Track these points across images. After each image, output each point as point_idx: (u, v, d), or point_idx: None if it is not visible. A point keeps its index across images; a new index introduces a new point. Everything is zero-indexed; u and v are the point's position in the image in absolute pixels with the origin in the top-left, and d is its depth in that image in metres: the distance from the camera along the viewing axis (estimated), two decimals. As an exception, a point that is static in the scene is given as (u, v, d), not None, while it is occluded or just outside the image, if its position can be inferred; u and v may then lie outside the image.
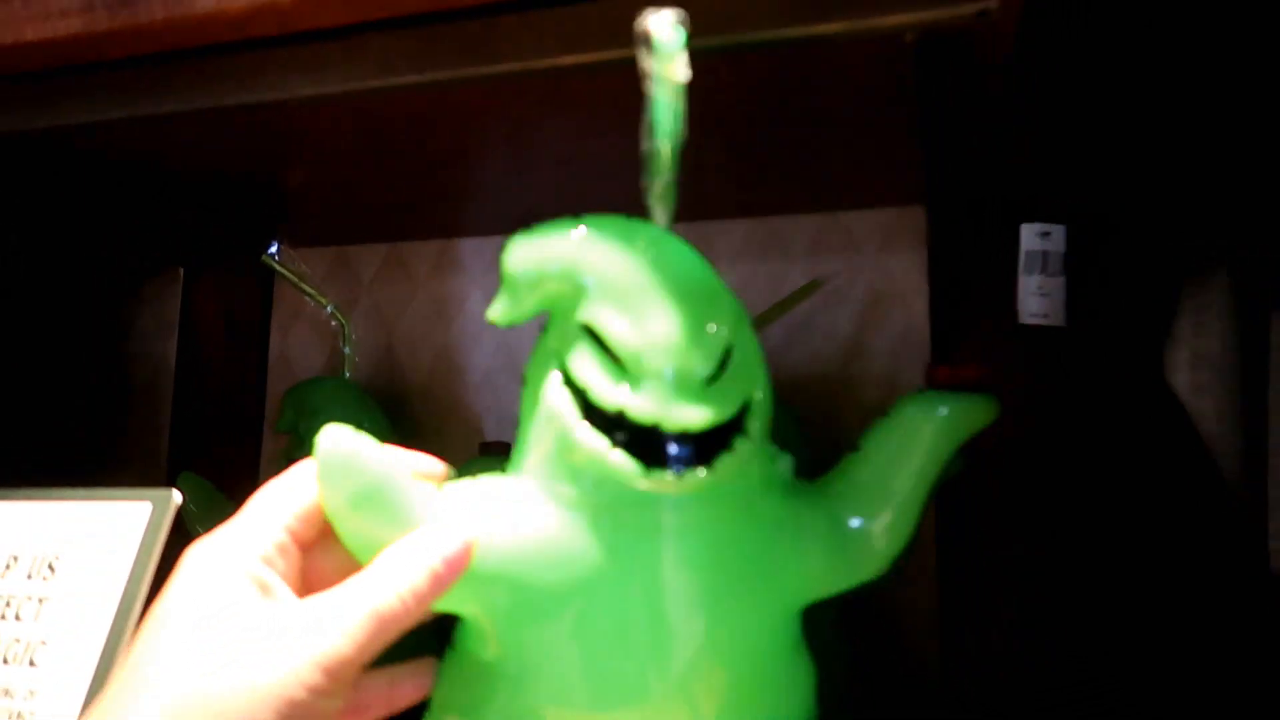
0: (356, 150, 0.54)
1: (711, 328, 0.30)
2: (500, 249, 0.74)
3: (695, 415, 0.29)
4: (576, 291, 0.30)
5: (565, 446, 0.30)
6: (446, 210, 0.67)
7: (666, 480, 0.29)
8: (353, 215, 0.68)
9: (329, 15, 0.36)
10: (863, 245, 0.63)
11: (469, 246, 0.71)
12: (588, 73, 0.39)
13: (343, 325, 0.65)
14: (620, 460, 0.29)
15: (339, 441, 0.30)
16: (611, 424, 0.29)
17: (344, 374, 0.65)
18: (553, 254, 0.31)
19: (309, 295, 0.66)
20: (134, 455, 0.77)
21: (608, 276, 0.30)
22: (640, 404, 0.29)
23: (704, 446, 0.29)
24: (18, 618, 0.36)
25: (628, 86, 0.30)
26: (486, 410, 0.68)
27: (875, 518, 0.34)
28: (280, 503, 0.31)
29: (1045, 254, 0.53)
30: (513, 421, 0.37)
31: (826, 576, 0.33)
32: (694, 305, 0.29)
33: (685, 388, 0.29)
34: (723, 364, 0.30)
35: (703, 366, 0.29)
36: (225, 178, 0.58)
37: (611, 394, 0.29)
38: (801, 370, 0.63)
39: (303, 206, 0.66)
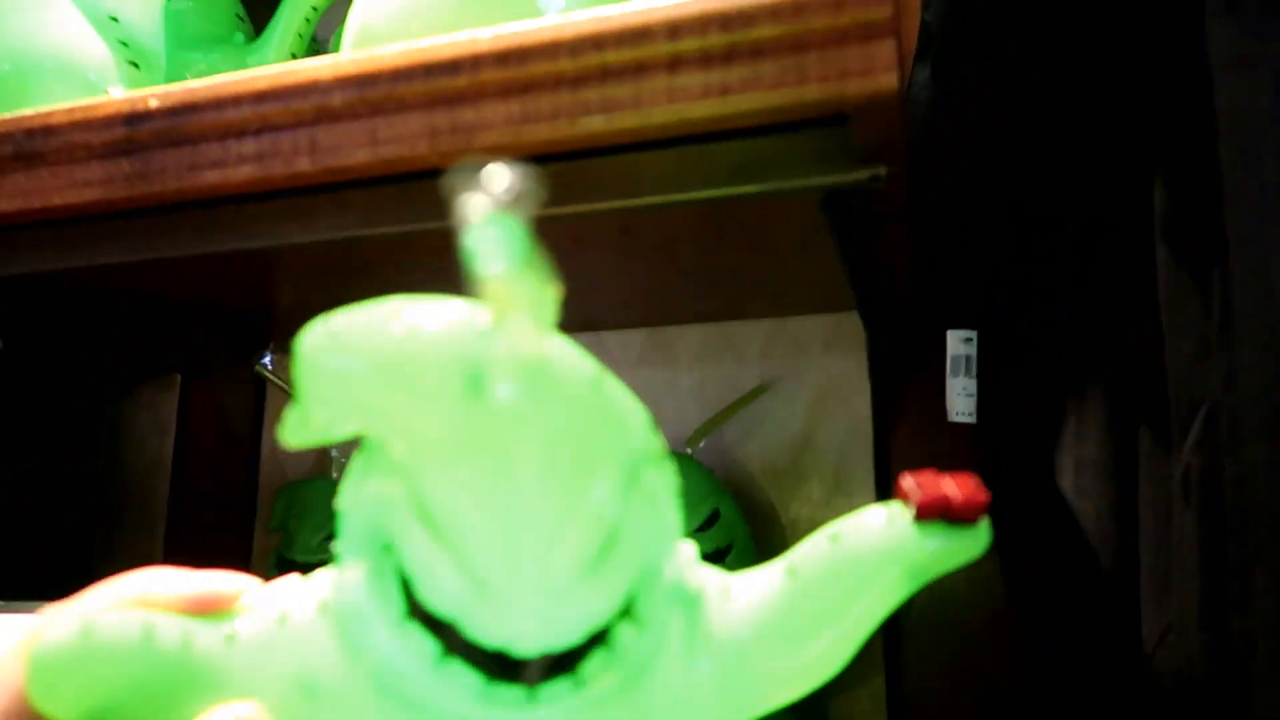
0: (339, 277, 0.59)
1: (591, 503, 0.21)
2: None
3: (557, 634, 0.21)
4: (395, 428, 0.22)
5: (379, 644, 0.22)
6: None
7: (513, 699, 0.21)
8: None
9: (319, 179, 0.42)
10: (809, 348, 0.68)
11: (448, 351, 0.76)
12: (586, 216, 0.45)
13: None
14: (449, 684, 0.21)
15: (51, 644, 0.22)
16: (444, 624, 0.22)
17: (331, 474, 0.69)
18: (365, 367, 0.21)
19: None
20: (130, 551, 0.81)
21: (443, 415, 0.21)
22: (482, 619, 0.21)
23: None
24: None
25: (568, 230, 0.37)
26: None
27: (805, 659, 0.25)
28: None
29: (968, 358, 0.59)
30: None
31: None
32: (572, 468, 0.21)
33: (547, 595, 0.21)
34: (607, 543, 0.22)
35: (572, 566, 0.21)
36: (222, 301, 0.63)
37: (445, 596, 0.21)
38: (755, 463, 0.68)
39: (291, 320, 0.71)
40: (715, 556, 0.56)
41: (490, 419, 0.20)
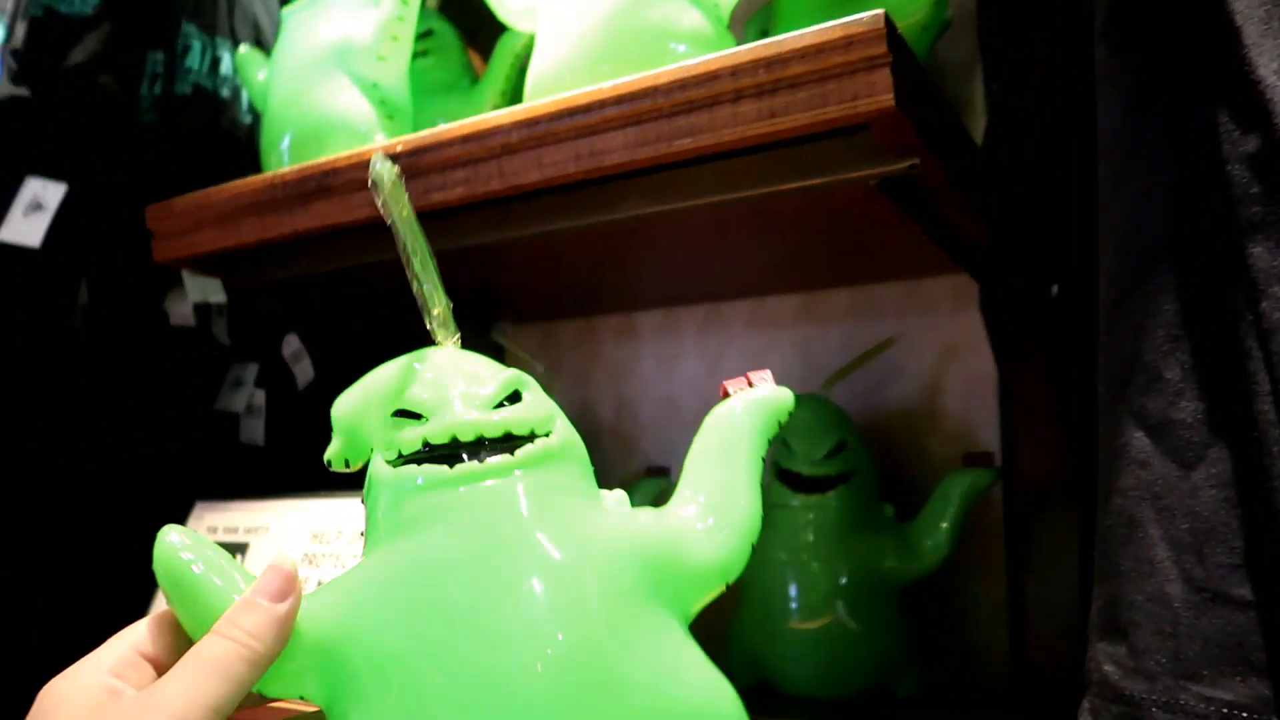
0: (554, 258, 0.76)
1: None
2: (662, 320, 0.96)
3: (482, 422, 0.33)
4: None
5: (391, 491, 0.33)
6: (621, 292, 0.88)
7: (474, 467, 0.32)
8: (554, 300, 0.92)
9: (506, 194, 0.58)
10: (939, 306, 0.78)
11: (641, 318, 0.92)
12: (694, 207, 0.58)
13: (549, 383, 0.88)
14: (431, 467, 0.33)
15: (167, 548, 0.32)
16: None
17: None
18: (370, 408, 0.35)
19: (525, 361, 0.89)
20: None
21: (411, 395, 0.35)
22: (433, 427, 0.33)
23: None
24: (344, 568, 0.61)
25: (714, 214, 0.50)
26: (652, 445, 0.89)
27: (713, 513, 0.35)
28: (127, 631, 0.32)
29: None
30: (670, 452, 0.50)
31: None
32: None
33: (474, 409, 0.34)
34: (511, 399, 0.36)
35: (486, 399, 0.35)
36: (464, 286, 0.82)
37: (412, 433, 0.34)
38: (893, 407, 0.78)
39: (517, 297, 0.90)
40: (840, 479, 0.68)
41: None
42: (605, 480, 0.37)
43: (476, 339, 1.00)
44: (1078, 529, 0.64)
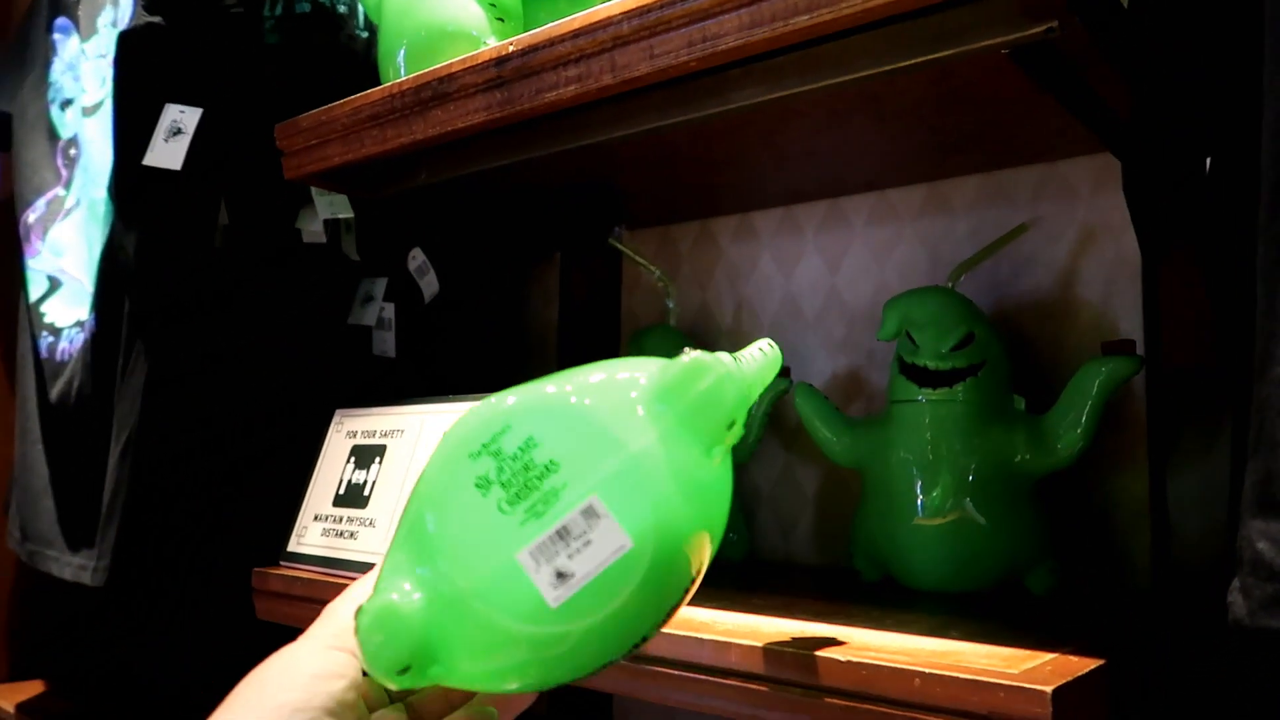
0: (669, 158, 0.75)
1: None
2: (780, 219, 0.94)
3: None
4: None
5: None
6: (738, 192, 0.87)
7: None
8: (671, 202, 0.91)
9: (618, 90, 0.57)
10: (1078, 189, 0.73)
11: (759, 218, 0.90)
12: (812, 94, 0.56)
13: (667, 287, 0.88)
14: None
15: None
16: None
17: (670, 323, 0.87)
18: None
19: (643, 266, 0.89)
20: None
21: None
22: None
23: None
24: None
25: (832, 101, 0.47)
26: (774, 344, 0.88)
27: None
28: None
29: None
30: (790, 353, 0.49)
31: None
32: None
33: None
34: None
35: None
36: (582, 190, 0.82)
37: None
38: (1027, 296, 0.75)
39: (635, 201, 0.89)
40: (968, 372, 0.66)
41: None
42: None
43: (597, 246, 1.00)
44: (1229, 420, 0.60)
